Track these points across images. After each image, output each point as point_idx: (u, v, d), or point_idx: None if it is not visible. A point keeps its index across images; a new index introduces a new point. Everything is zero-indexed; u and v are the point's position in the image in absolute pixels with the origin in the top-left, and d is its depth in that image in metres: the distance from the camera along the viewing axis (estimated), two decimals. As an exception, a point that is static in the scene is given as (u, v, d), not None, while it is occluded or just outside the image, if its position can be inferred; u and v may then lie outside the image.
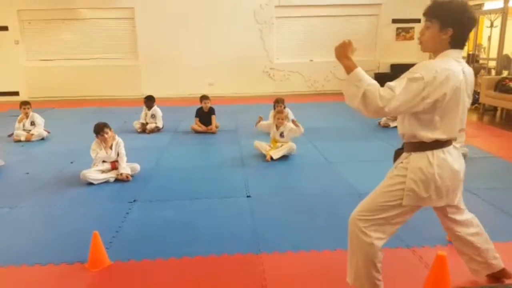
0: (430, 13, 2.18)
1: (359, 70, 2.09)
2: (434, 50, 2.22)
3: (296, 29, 12.55)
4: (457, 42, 2.16)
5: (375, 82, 2.07)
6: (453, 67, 2.10)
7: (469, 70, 2.24)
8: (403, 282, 2.81)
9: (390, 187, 2.31)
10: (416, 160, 2.23)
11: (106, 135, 4.87)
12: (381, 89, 2.04)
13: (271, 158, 5.61)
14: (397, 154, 2.44)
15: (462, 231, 2.57)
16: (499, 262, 2.68)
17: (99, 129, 4.89)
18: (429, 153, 2.21)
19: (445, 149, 2.23)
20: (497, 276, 2.70)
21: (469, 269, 2.71)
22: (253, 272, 2.94)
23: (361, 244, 2.34)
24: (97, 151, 4.91)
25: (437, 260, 2.49)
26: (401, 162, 2.33)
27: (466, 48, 12.59)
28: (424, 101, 2.04)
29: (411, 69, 2.10)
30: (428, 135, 2.17)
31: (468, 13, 2.13)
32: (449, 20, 2.11)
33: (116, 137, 5.05)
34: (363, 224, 2.33)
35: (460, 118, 2.25)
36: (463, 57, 2.37)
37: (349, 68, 2.11)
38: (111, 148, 4.95)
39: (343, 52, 2.15)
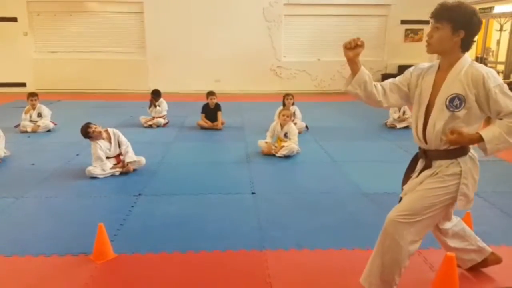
0: (439, 15, 2.18)
1: (486, 134, 2.18)
2: (442, 52, 2.24)
3: (305, 27, 12.53)
4: (467, 45, 2.19)
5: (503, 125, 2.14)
6: None
7: None
8: (408, 284, 2.79)
9: (439, 190, 2.29)
10: (467, 164, 2.31)
11: (96, 129, 4.79)
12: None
13: (274, 155, 5.67)
14: (415, 161, 2.50)
15: (450, 226, 2.63)
16: (485, 245, 2.75)
17: (86, 131, 4.79)
18: (471, 155, 2.33)
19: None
20: (489, 261, 2.76)
21: (464, 261, 2.73)
22: (257, 269, 2.94)
23: (395, 247, 2.32)
24: (97, 151, 4.81)
25: (445, 261, 2.47)
26: (439, 171, 2.32)
27: (474, 51, 12.56)
28: None
29: (499, 83, 2.12)
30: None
31: (477, 16, 2.16)
32: (460, 22, 2.12)
33: (109, 128, 5.00)
34: (403, 227, 2.30)
35: None
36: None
37: (478, 139, 2.21)
38: (110, 142, 4.92)
39: (465, 141, 2.25)
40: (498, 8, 11.02)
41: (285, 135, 5.83)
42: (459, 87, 2.15)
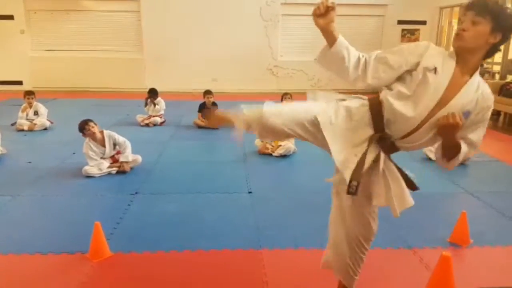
0: (484, 9, 1.86)
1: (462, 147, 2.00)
2: (471, 51, 1.90)
3: (302, 27, 12.52)
4: (493, 51, 1.93)
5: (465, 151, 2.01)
6: None
7: None
8: (403, 283, 2.81)
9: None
10: None
11: (92, 129, 4.77)
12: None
13: (270, 154, 5.69)
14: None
15: None
16: None
17: (82, 126, 4.78)
18: None
19: None
20: None
21: None
22: (253, 268, 2.94)
23: None
24: (89, 152, 4.80)
25: (441, 261, 2.48)
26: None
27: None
28: None
29: (489, 116, 1.99)
30: None
31: None
32: (502, 25, 1.85)
33: (105, 130, 4.95)
34: None
35: None
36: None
37: (457, 146, 1.99)
38: (103, 145, 4.87)
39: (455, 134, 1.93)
40: (495, 9, 11.06)
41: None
42: (473, 104, 1.91)
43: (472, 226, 3.36)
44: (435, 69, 1.89)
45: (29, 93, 7.30)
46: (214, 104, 7.53)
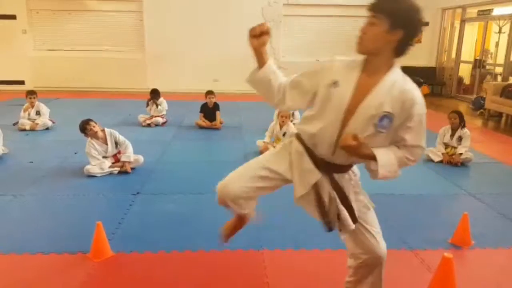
0: (378, 7, 1.81)
1: (382, 157, 1.91)
2: (373, 52, 1.86)
3: (304, 28, 12.54)
4: (402, 49, 1.86)
5: (392, 150, 1.94)
6: None
7: None
8: (405, 285, 2.81)
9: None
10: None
11: (93, 128, 4.78)
12: (416, 153, 1.97)
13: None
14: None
15: None
16: None
17: (83, 127, 4.79)
18: None
19: None
20: None
21: None
22: (254, 268, 2.95)
23: None
24: (91, 151, 4.80)
25: (443, 262, 2.48)
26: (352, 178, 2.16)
27: (472, 53, 12.61)
28: None
29: (423, 112, 1.88)
30: None
31: (420, 15, 1.85)
32: (401, 20, 1.78)
33: (106, 129, 4.97)
34: None
35: None
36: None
37: (371, 156, 1.90)
38: (106, 143, 4.89)
39: (359, 150, 1.87)
40: (497, 11, 11.05)
41: (284, 135, 5.85)
42: (390, 105, 1.82)
43: (474, 227, 3.36)
44: (335, 83, 1.88)
45: (31, 93, 7.31)
46: (215, 105, 7.53)
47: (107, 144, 4.90)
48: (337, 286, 2.57)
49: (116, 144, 4.95)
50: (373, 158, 1.88)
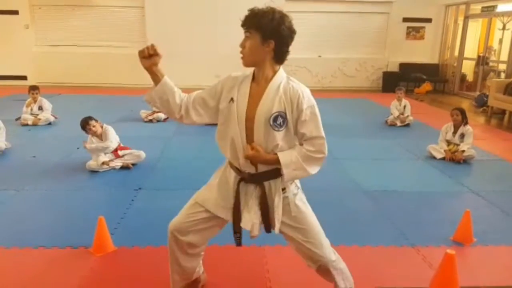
0: (248, 23, 2.00)
1: (282, 157, 2.04)
2: (255, 63, 2.04)
3: (306, 24, 12.48)
4: (280, 56, 2.01)
5: (293, 153, 2.06)
6: None
7: None
8: (406, 281, 2.81)
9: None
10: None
11: (93, 128, 4.78)
12: (313, 149, 2.09)
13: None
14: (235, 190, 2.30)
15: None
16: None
17: (84, 126, 4.79)
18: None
19: None
20: None
21: None
22: (256, 264, 2.95)
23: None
24: (91, 145, 4.81)
25: (445, 259, 2.47)
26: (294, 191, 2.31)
27: (476, 50, 12.56)
28: None
29: (311, 104, 2.02)
30: None
31: (287, 24, 2.00)
32: (269, 31, 1.95)
33: (105, 125, 4.95)
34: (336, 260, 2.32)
35: None
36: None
37: (274, 162, 2.05)
38: (101, 138, 4.87)
39: (258, 158, 2.03)
40: (501, 7, 11.00)
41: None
42: (281, 105, 1.98)
43: (476, 225, 3.35)
44: (231, 99, 2.06)
45: (33, 88, 7.32)
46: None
47: (102, 140, 4.87)
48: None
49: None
50: (277, 161, 2.02)
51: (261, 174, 2.11)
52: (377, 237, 3.36)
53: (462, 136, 5.54)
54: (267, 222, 2.17)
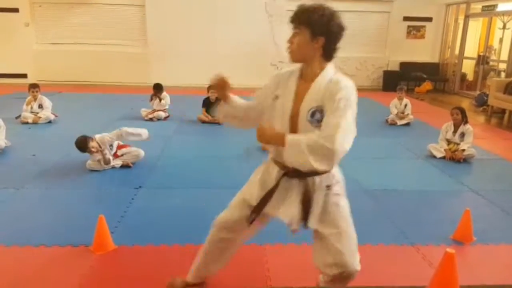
0: (297, 19, 1.98)
1: (289, 137, 1.92)
2: (304, 59, 2.03)
3: (307, 23, 12.49)
4: (329, 53, 2.00)
5: (308, 136, 1.89)
6: None
7: None
8: (406, 280, 2.81)
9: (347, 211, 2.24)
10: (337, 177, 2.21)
11: (93, 149, 4.63)
12: (335, 136, 1.84)
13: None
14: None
15: None
16: None
17: (84, 148, 4.62)
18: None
19: None
20: None
21: None
22: (256, 263, 2.95)
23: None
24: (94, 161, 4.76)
25: (445, 258, 2.48)
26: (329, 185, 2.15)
27: (476, 49, 12.55)
28: None
29: (347, 97, 1.90)
30: None
31: (337, 21, 1.97)
32: (319, 28, 1.93)
33: (96, 136, 4.75)
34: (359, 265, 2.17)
35: None
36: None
37: (281, 141, 1.93)
38: (103, 154, 4.75)
39: (265, 136, 2.01)
40: (502, 6, 10.99)
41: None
42: (320, 100, 1.94)
43: (476, 223, 3.35)
44: (276, 96, 2.09)
45: (34, 86, 7.32)
46: (218, 99, 7.51)
47: (102, 151, 4.76)
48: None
49: (111, 145, 4.91)
50: (283, 140, 1.93)
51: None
52: (377, 235, 3.36)
53: (462, 135, 5.54)
54: (306, 217, 2.11)
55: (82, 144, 4.65)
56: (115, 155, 4.92)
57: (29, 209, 3.80)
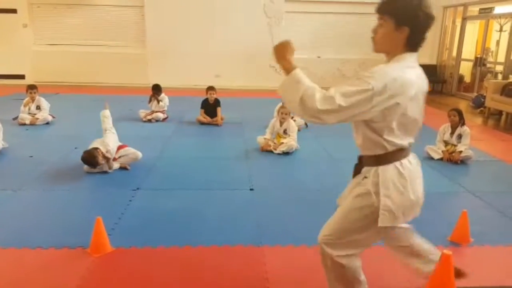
0: (382, 9, 1.93)
1: (298, 72, 1.93)
2: (388, 50, 1.98)
3: (305, 24, 12.51)
4: (414, 43, 1.93)
5: (314, 86, 1.89)
6: (407, 74, 1.88)
7: (423, 76, 2.01)
8: (403, 280, 2.81)
9: (359, 205, 2.08)
10: (385, 172, 2.01)
11: (101, 161, 4.58)
12: (322, 96, 1.84)
13: (272, 152, 5.70)
14: (357, 169, 2.26)
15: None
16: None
17: (94, 162, 4.53)
18: (397, 163, 2.02)
19: (409, 157, 2.10)
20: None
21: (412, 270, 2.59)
22: (254, 264, 2.95)
23: (335, 267, 2.18)
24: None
25: (442, 259, 2.48)
26: (365, 177, 2.11)
27: (473, 51, 12.58)
28: (372, 110, 1.83)
29: (360, 75, 1.87)
30: (388, 143, 1.98)
31: (425, 10, 1.87)
32: (404, 17, 1.86)
33: (100, 147, 4.65)
34: (331, 250, 2.14)
35: (417, 125, 2.09)
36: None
37: (288, 71, 1.97)
38: (108, 161, 4.72)
39: (282, 53, 2.03)
40: (498, 9, 11.02)
41: (285, 131, 5.85)
42: None
43: (473, 225, 3.36)
44: None
45: (31, 87, 7.31)
46: (216, 100, 7.53)
47: (109, 162, 4.75)
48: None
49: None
50: (288, 68, 1.99)
51: (363, 158, 2.19)
52: (374, 237, 3.36)
53: (460, 136, 5.55)
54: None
55: (91, 159, 4.52)
56: (114, 159, 4.91)
57: (26, 211, 3.79)
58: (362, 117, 1.89)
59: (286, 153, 5.64)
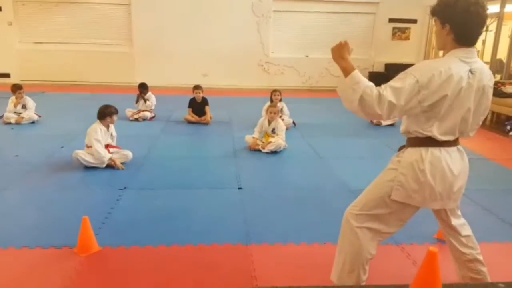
0: (432, 11, 2.17)
1: (357, 73, 2.05)
2: (442, 47, 2.18)
3: (293, 23, 12.54)
4: (461, 38, 2.06)
5: (371, 84, 2.03)
6: (454, 67, 2.00)
7: (481, 68, 2.10)
8: (390, 278, 2.83)
9: (382, 180, 2.28)
10: (409, 154, 2.18)
11: (114, 122, 5.05)
12: (379, 94, 1.99)
13: (260, 150, 5.70)
14: (400, 148, 2.36)
15: (459, 223, 2.59)
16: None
17: (111, 113, 5.04)
18: (423, 149, 2.14)
19: (443, 148, 2.17)
20: None
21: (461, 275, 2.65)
22: (242, 263, 2.95)
23: (352, 242, 2.29)
24: (97, 134, 4.82)
25: (428, 256, 2.50)
26: (396, 156, 2.28)
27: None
28: (421, 104, 2.00)
29: (408, 70, 2.05)
30: (422, 130, 2.11)
31: (461, 5, 2.01)
32: (444, 16, 2.09)
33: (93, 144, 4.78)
34: (355, 221, 2.29)
35: (464, 118, 2.17)
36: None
37: (346, 70, 2.08)
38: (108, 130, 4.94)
39: (340, 53, 2.12)
40: (484, 9, 11.15)
41: (273, 130, 5.85)
42: None
43: (459, 223, 3.39)
44: None
45: (18, 88, 7.17)
46: (204, 99, 7.51)
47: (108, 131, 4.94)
48: (324, 280, 2.58)
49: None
50: (346, 68, 2.08)
51: (406, 139, 2.26)
52: (362, 235, 3.37)
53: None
54: None
55: (109, 111, 5.03)
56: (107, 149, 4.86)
57: (11, 211, 3.74)
58: (413, 111, 2.05)
59: (274, 152, 5.65)
